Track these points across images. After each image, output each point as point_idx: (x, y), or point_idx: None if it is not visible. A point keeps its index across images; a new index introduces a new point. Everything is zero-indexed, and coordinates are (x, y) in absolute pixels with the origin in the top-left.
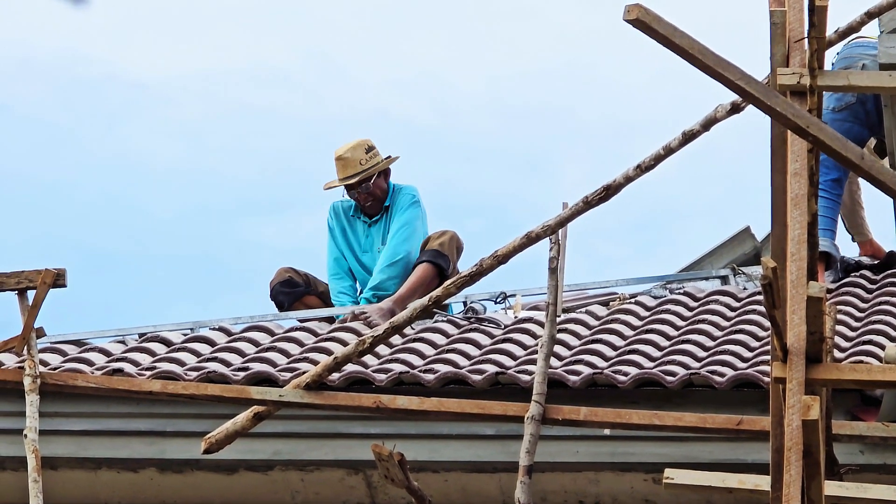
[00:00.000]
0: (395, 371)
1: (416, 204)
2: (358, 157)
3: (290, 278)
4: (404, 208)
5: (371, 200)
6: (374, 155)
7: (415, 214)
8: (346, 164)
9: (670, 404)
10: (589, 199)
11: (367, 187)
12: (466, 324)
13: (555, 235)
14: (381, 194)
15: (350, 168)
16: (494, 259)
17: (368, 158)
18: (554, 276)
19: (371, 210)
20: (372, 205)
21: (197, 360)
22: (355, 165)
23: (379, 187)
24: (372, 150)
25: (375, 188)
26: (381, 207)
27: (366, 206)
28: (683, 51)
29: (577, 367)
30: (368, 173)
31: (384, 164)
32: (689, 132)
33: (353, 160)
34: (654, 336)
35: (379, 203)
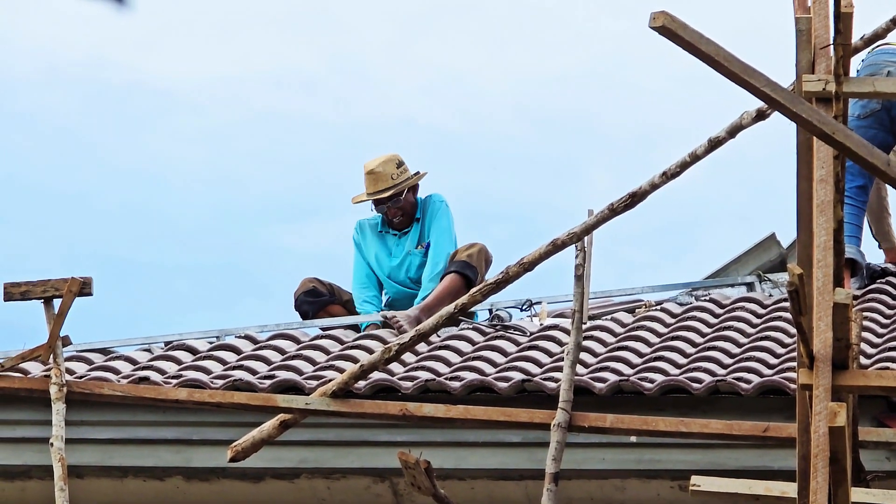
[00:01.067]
0: (422, 379)
1: (447, 209)
2: (389, 171)
3: (315, 288)
4: (438, 216)
5: (401, 215)
6: (404, 170)
7: (449, 220)
8: (378, 178)
9: (696, 411)
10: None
11: (399, 202)
12: (492, 331)
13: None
14: (411, 209)
15: (381, 182)
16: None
17: (400, 173)
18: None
19: (400, 225)
20: (401, 220)
21: (223, 369)
22: (387, 180)
23: (409, 202)
24: (402, 166)
25: (406, 203)
26: (410, 222)
27: (395, 221)
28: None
29: (604, 374)
30: (400, 188)
31: (415, 180)
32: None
33: (385, 174)
34: (679, 343)
35: (408, 218)
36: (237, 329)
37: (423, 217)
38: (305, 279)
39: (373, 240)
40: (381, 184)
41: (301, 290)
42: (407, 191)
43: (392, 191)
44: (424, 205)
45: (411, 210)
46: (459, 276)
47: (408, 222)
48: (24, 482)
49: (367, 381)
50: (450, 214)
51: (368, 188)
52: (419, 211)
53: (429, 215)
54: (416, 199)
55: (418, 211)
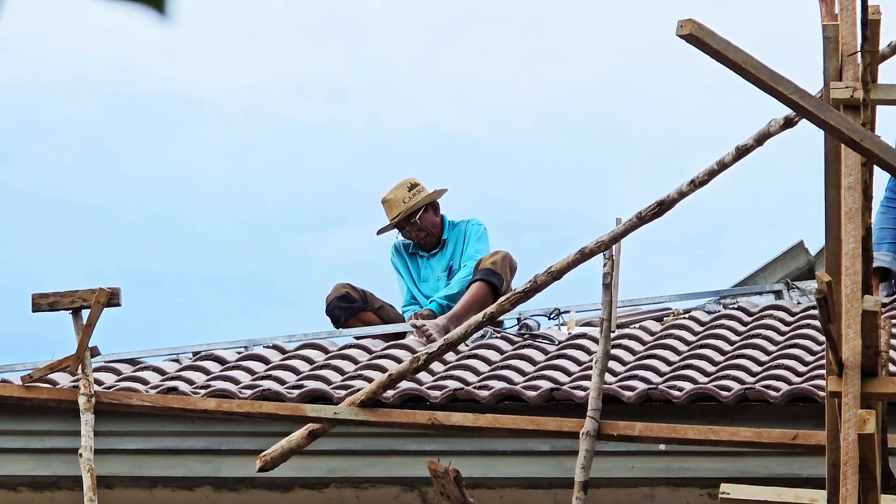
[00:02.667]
0: (450, 388)
1: (485, 232)
2: (401, 196)
3: (347, 293)
4: (477, 236)
5: (424, 235)
6: (417, 192)
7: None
8: (391, 205)
9: (725, 419)
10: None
11: (416, 223)
12: (521, 340)
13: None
14: (433, 227)
15: (395, 209)
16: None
17: (412, 196)
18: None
19: (427, 245)
20: (426, 239)
21: (251, 378)
22: (399, 205)
23: (428, 221)
24: (415, 188)
25: (424, 222)
26: (437, 242)
27: (420, 243)
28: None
29: (632, 382)
30: (412, 209)
31: (430, 198)
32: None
33: (397, 200)
34: (708, 351)
35: (434, 238)
36: (265, 339)
37: (458, 240)
38: (338, 284)
39: (407, 263)
40: (395, 210)
41: (334, 296)
42: (424, 210)
43: (403, 214)
44: (456, 228)
45: (434, 229)
46: (485, 285)
47: (434, 242)
48: (53, 493)
49: (396, 391)
50: (487, 238)
51: (388, 215)
52: (448, 231)
53: (468, 238)
54: (440, 218)
55: (446, 231)
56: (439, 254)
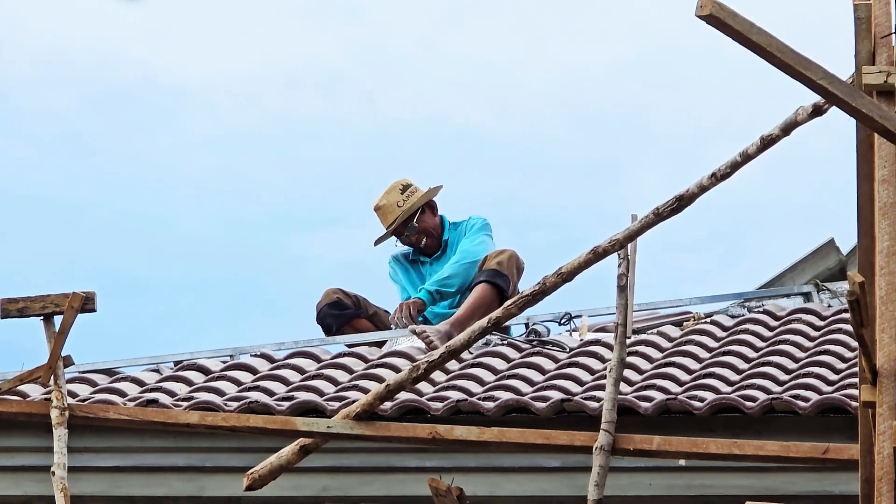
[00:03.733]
0: (452, 399)
1: (487, 226)
2: (394, 200)
3: (339, 300)
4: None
5: (424, 238)
6: (411, 193)
7: (488, 234)
8: (385, 212)
9: (750, 432)
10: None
11: (414, 227)
12: (529, 347)
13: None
14: (434, 229)
15: (390, 215)
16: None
17: (406, 198)
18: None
19: (429, 249)
20: (428, 243)
21: (237, 390)
22: (394, 210)
23: (427, 223)
24: (409, 189)
25: (423, 224)
26: (439, 244)
27: (421, 247)
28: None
29: (649, 392)
30: (408, 212)
31: (423, 199)
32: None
33: (390, 206)
34: (731, 358)
35: (435, 239)
36: (252, 347)
37: (460, 239)
38: (329, 290)
39: (408, 272)
40: (389, 216)
41: (324, 302)
42: (421, 211)
43: (400, 219)
44: (461, 228)
45: (434, 230)
46: (490, 287)
47: (436, 244)
48: None
49: (394, 402)
50: (489, 232)
51: (383, 223)
52: (449, 231)
53: (466, 231)
54: (439, 218)
55: (447, 231)
56: (443, 257)
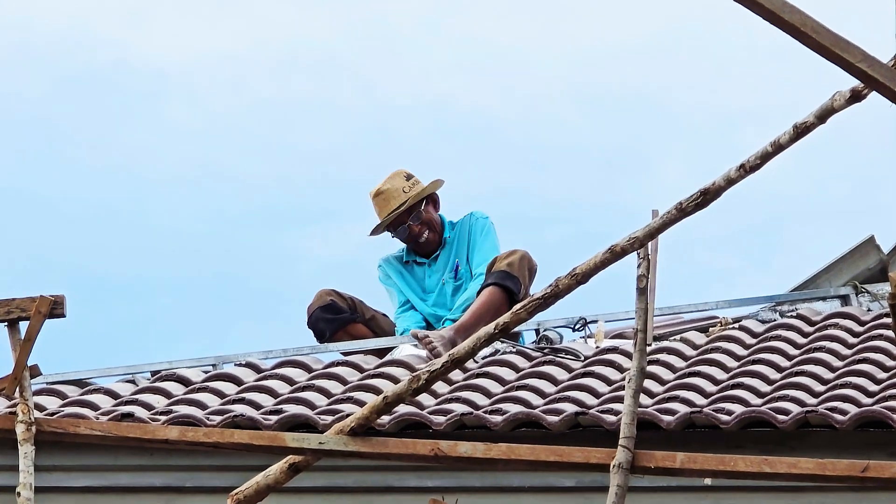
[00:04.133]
0: (456, 412)
1: (493, 227)
2: (398, 186)
3: (333, 302)
4: (485, 234)
5: (426, 233)
6: (415, 182)
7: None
8: (387, 197)
9: (783, 448)
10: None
11: (419, 216)
12: (540, 355)
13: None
14: (436, 224)
15: (393, 200)
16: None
17: (411, 186)
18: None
19: (427, 246)
20: (428, 239)
21: (221, 402)
22: (398, 196)
23: (431, 215)
24: (412, 178)
25: (428, 216)
26: (438, 242)
27: (420, 243)
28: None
29: (672, 405)
30: (417, 196)
31: (430, 188)
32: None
33: (395, 191)
34: (762, 368)
35: (436, 236)
36: (237, 355)
37: (461, 237)
38: (322, 291)
39: (403, 276)
40: (392, 202)
41: (316, 305)
42: (426, 203)
43: (407, 204)
44: (462, 225)
45: (437, 226)
46: (500, 289)
47: (437, 241)
48: None
49: (393, 416)
50: (495, 234)
51: (381, 213)
52: (449, 230)
53: (473, 235)
54: (439, 216)
55: (447, 230)
56: (441, 256)
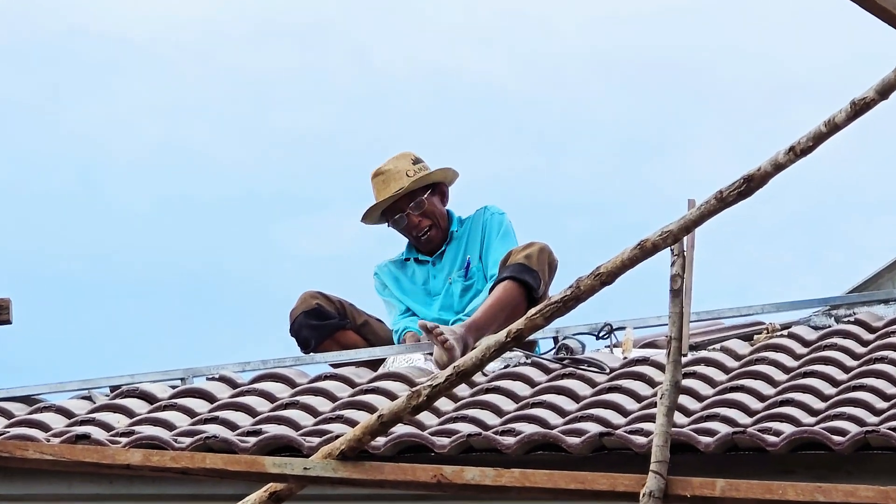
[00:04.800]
0: (463, 433)
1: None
2: (403, 167)
3: (319, 307)
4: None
5: (429, 227)
6: (423, 167)
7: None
8: (388, 178)
9: (839, 473)
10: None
11: (422, 204)
12: (559, 367)
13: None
14: (441, 218)
15: (395, 182)
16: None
17: (417, 170)
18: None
19: (429, 243)
20: (431, 235)
21: (191, 422)
22: (400, 179)
23: (435, 207)
24: (420, 163)
25: (431, 207)
26: (443, 239)
27: (422, 238)
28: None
29: (711, 424)
30: (422, 181)
31: (440, 175)
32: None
33: (398, 172)
34: (815, 381)
35: (441, 232)
36: (210, 368)
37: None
38: (306, 294)
39: (400, 283)
40: (394, 184)
41: (301, 310)
42: (431, 192)
43: (408, 188)
44: (474, 221)
45: (443, 220)
46: (516, 284)
47: (441, 237)
48: None
49: (389, 438)
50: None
51: (379, 194)
52: (456, 225)
53: (488, 232)
54: (446, 210)
55: (454, 224)
56: (448, 252)
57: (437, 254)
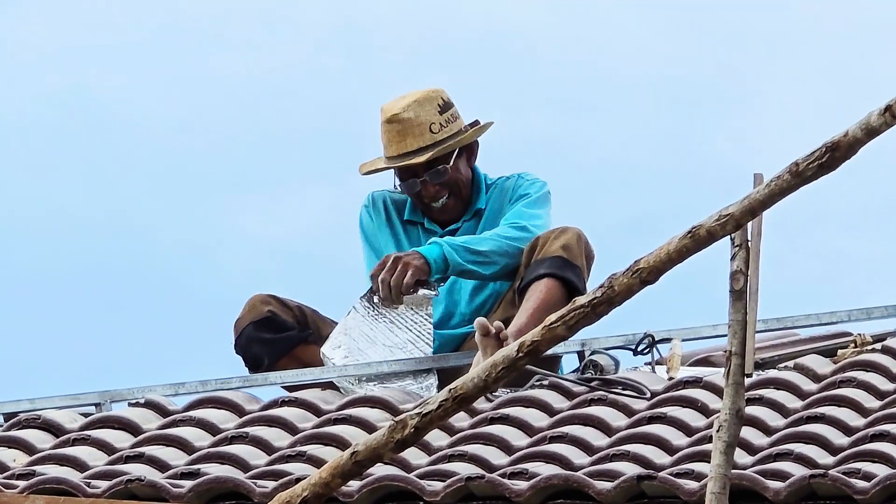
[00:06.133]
0: (460, 475)
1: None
2: (427, 118)
3: (273, 315)
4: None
5: (446, 195)
6: (453, 117)
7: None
8: (406, 130)
9: None
10: (801, 168)
11: (443, 173)
12: (586, 390)
13: (740, 232)
14: (464, 186)
15: (414, 138)
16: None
17: (445, 122)
18: (740, 304)
19: (447, 215)
20: (449, 204)
21: (108, 460)
22: (422, 134)
23: (460, 176)
24: (450, 109)
25: (455, 175)
26: (465, 208)
27: (437, 207)
28: None
29: (783, 465)
30: (447, 148)
31: (473, 135)
32: None
33: (419, 124)
34: None
35: (460, 202)
36: (132, 390)
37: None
38: (256, 299)
39: (395, 233)
40: (410, 140)
41: (249, 319)
42: (459, 154)
43: (432, 152)
44: (501, 189)
45: (465, 188)
46: (559, 284)
47: (459, 210)
48: None
49: (365, 482)
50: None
51: (390, 147)
52: (481, 194)
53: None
54: (473, 172)
55: (479, 194)
56: (462, 230)
57: (450, 228)
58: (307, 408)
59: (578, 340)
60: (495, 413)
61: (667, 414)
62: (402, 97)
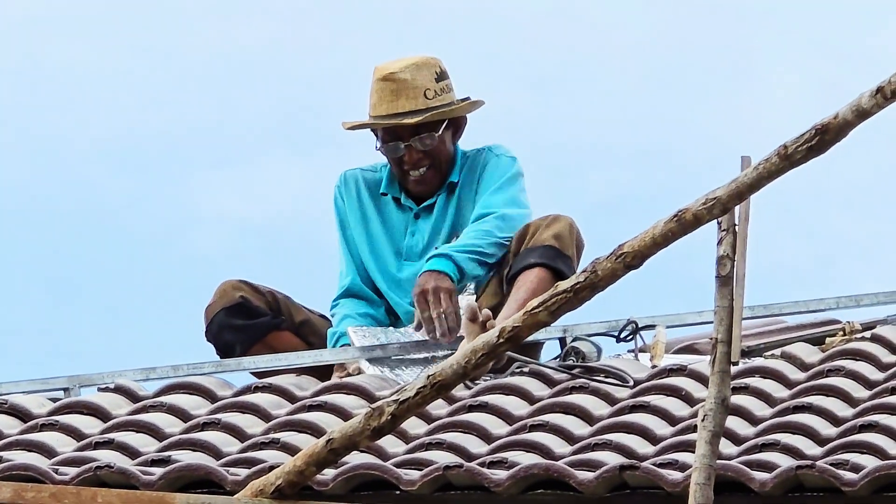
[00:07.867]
0: (438, 464)
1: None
2: (423, 83)
3: (245, 301)
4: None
5: (427, 165)
6: (446, 87)
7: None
8: (401, 90)
9: None
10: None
11: (431, 140)
12: (567, 378)
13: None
14: (445, 160)
15: (407, 100)
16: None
17: (440, 90)
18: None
19: (424, 186)
20: (427, 175)
21: (76, 446)
22: (415, 97)
23: (444, 149)
24: (445, 80)
25: (440, 146)
26: (440, 184)
27: (415, 178)
28: None
29: (769, 455)
30: (439, 114)
31: (465, 108)
32: None
33: (413, 87)
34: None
35: (439, 176)
36: (101, 375)
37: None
38: (227, 284)
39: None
40: (403, 102)
41: (221, 306)
42: (447, 126)
43: (423, 116)
44: (471, 164)
45: (446, 162)
46: (550, 275)
47: (437, 184)
48: None
49: (340, 470)
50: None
51: (380, 105)
52: (458, 169)
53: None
54: (455, 149)
55: (456, 169)
56: (438, 207)
57: (426, 205)
58: (281, 394)
59: (560, 327)
60: (474, 401)
61: (650, 402)
62: (400, 59)
